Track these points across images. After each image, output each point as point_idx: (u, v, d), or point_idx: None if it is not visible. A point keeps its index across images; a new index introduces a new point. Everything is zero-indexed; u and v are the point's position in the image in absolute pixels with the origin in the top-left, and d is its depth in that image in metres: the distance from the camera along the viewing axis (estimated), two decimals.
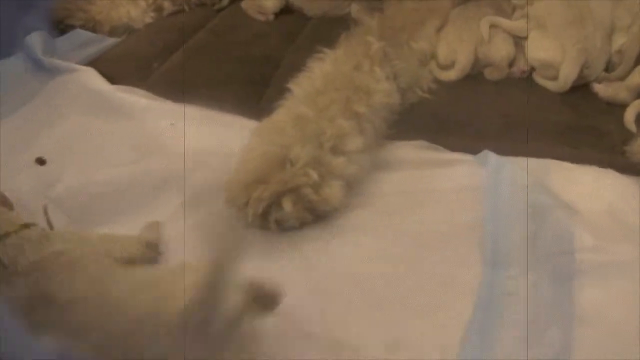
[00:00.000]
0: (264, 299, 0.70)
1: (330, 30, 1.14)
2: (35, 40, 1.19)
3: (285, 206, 0.85)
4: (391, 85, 1.03)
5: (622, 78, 1.12)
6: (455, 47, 1.15)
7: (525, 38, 1.16)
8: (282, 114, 0.97)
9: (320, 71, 1.02)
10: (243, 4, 1.39)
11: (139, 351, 0.64)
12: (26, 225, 0.78)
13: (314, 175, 0.87)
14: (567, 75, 1.10)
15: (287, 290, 0.80)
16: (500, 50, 1.15)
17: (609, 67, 1.14)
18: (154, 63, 1.21)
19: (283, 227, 0.87)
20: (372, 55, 1.04)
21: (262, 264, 0.84)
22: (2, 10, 1.21)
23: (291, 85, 1.01)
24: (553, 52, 1.12)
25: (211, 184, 0.93)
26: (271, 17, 1.36)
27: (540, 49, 1.14)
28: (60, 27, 1.31)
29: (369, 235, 0.87)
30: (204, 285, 0.63)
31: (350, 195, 0.91)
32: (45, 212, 0.87)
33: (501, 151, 0.96)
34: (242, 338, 0.68)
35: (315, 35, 1.27)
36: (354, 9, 1.29)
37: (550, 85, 1.13)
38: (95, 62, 1.20)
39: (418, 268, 0.82)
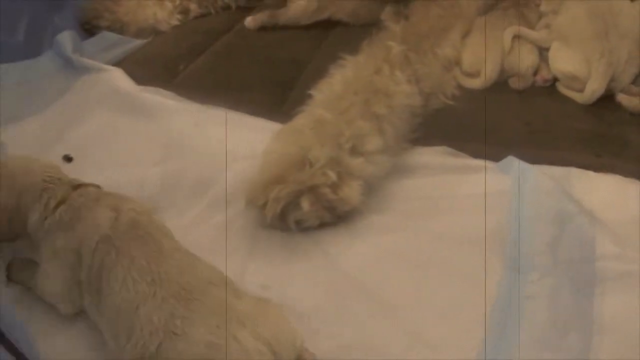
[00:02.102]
0: None
1: (356, 35, 1.15)
2: (66, 38, 1.21)
3: (303, 205, 0.85)
4: (412, 88, 1.03)
5: None
6: (481, 56, 1.15)
7: (548, 48, 1.16)
8: (302, 118, 0.97)
9: (341, 76, 1.03)
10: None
11: None
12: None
13: (333, 176, 0.87)
14: (595, 91, 1.09)
15: (308, 290, 0.80)
16: (525, 60, 1.15)
17: (637, 79, 1.13)
18: (180, 65, 1.23)
19: (302, 227, 0.87)
20: (392, 59, 1.04)
21: (283, 264, 0.85)
22: (34, 9, 1.23)
23: (312, 91, 1.02)
24: (577, 65, 1.11)
25: (235, 185, 0.93)
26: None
27: (563, 61, 1.13)
28: (87, 27, 1.33)
29: (390, 237, 0.87)
30: None
31: (372, 198, 0.91)
32: None
33: (524, 158, 0.95)
34: None
35: (341, 40, 1.28)
36: (386, 12, 1.27)
37: (574, 96, 1.12)
38: (121, 64, 1.22)
39: (439, 270, 0.82)
